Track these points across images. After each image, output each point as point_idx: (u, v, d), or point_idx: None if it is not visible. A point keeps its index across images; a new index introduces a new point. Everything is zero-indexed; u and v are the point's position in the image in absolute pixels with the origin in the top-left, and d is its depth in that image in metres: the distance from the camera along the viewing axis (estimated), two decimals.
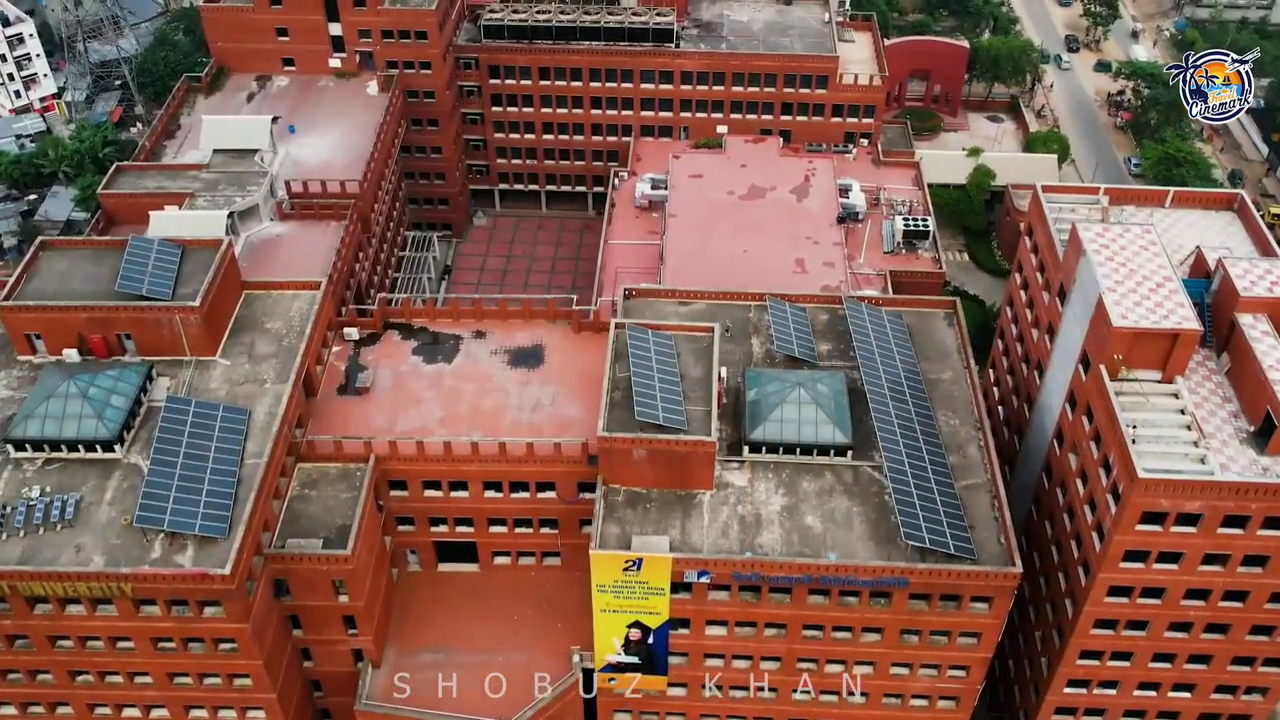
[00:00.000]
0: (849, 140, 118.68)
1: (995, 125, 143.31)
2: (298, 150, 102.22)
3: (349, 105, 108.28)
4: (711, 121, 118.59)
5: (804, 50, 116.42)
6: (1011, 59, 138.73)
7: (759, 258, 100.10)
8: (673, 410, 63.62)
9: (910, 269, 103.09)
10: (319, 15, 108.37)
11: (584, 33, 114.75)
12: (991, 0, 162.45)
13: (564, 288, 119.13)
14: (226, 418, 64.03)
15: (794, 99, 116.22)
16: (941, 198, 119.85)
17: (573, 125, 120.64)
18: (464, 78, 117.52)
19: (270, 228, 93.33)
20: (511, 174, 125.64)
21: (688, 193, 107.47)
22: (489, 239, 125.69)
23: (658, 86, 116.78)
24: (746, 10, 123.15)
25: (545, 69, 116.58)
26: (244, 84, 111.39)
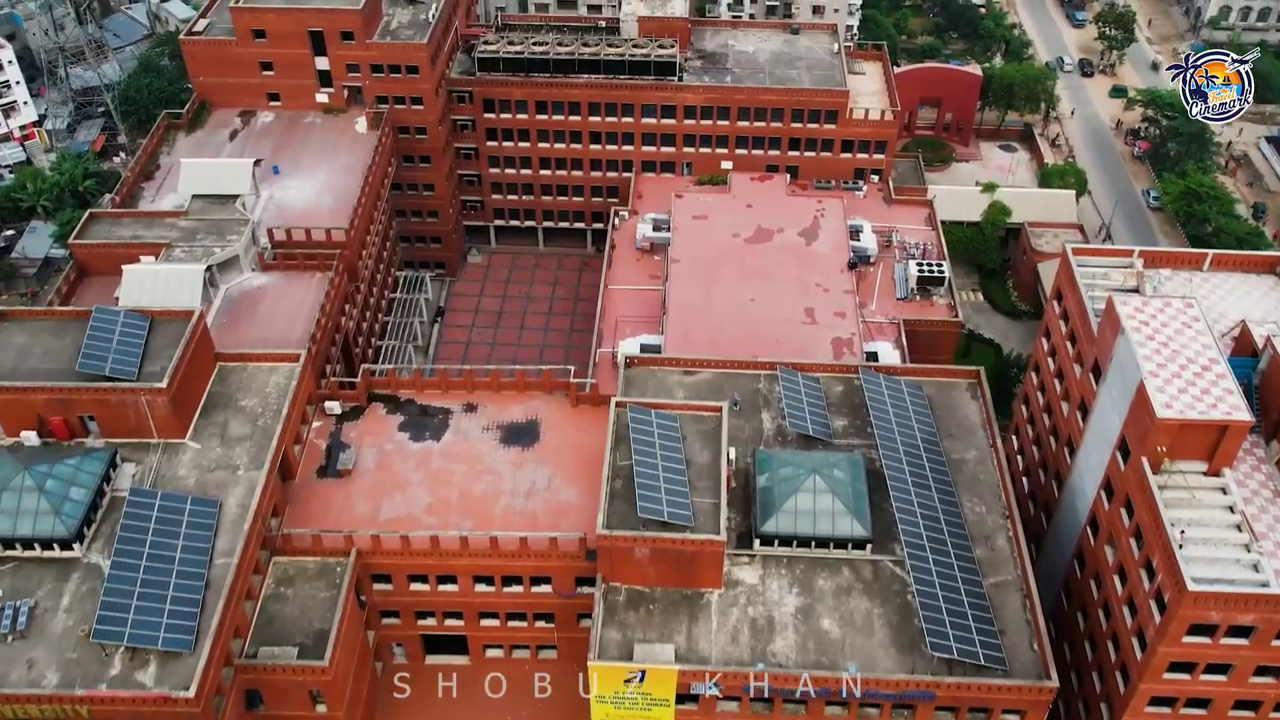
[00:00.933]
0: (859, 176, 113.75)
1: (1008, 155, 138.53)
2: (282, 193, 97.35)
3: (336, 143, 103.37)
4: (716, 157, 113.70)
5: (812, 83, 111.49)
6: (1026, 87, 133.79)
7: (766, 307, 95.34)
8: (678, 505, 58.75)
9: (925, 317, 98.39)
10: (305, 50, 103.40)
11: (583, 65, 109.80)
12: (1003, 23, 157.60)
13: (561, 330, 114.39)
14: (195, 511, 59.14)
15: (802, 134, 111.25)
16: (955, 235, 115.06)
17: (571, 160, 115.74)
18: (457, 111, 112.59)
19: (251, 279, 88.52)
20: (507, 210, 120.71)
21: (691, 235, 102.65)
22: (484, 277, 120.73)
23: (660, 121, 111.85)
24: (752, 40, 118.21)
25: (542, 103, 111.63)
26: (227, 120, 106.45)
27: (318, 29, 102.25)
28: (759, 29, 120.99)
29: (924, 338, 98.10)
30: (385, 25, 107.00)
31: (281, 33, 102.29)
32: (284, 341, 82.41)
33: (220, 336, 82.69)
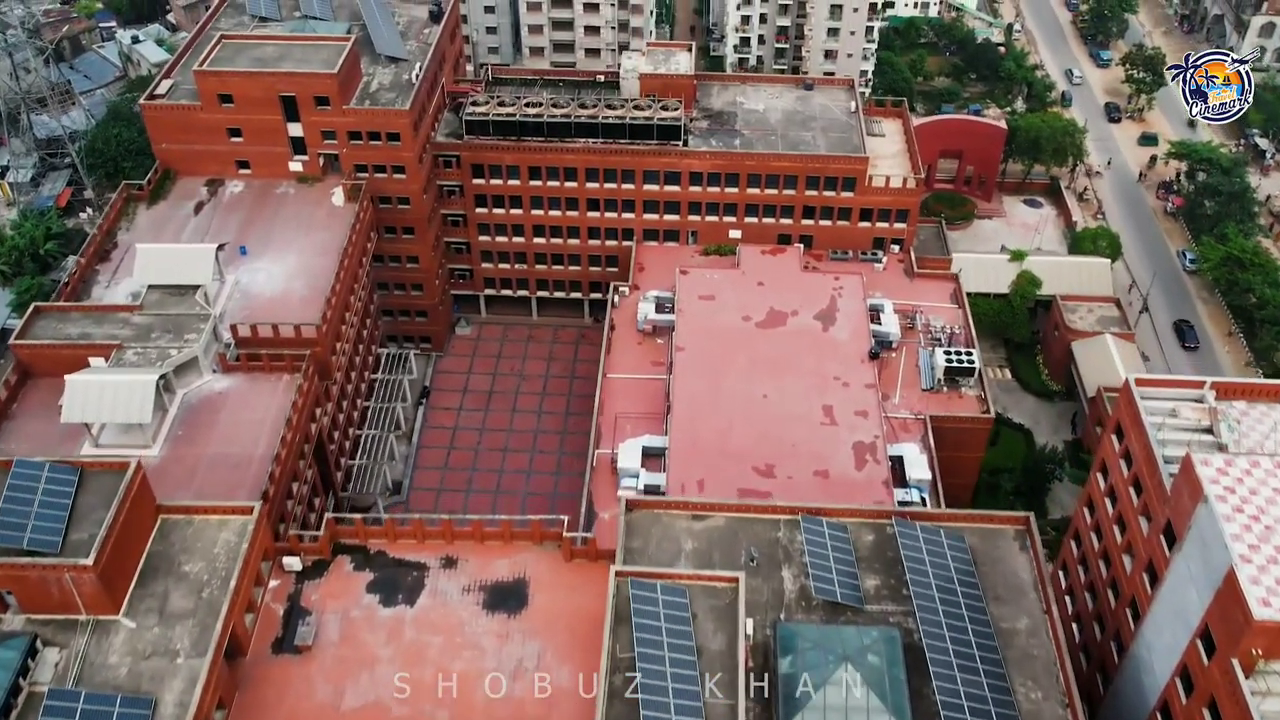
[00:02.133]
0: (878, 245, 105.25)
1: (1034, 211, 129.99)
2: (249, 277, 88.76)
3: (311, 218, 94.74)
4: (723, 225, 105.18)
5: (828, 147, 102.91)
6: (1053, 140, 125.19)
7: (780, 405, 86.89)
8: (688, 712, 50.16)
9: (954, 413, 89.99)
10: (276, 115, 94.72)
11: (579, 129, 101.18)
12: (1024, 64, 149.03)
13: (556, 412, 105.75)
14: (125, 715, 50.55)
15: (817, 202, 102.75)
16: (981, 308, 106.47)
17: (567, 229, 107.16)
18: (444, 176, 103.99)
19: (212, 382, 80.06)
20: (498, 279, 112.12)
21: (697, 318, 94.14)
22: (473, 351, 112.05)
23: (663, 188, 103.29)
24: (763, 98, 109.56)
25: (536, 168, 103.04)
26: (193, 190, 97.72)
27: (290, 94, 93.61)
28: (770, 84, 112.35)
29: (952, 434, 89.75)
30: (364, 87, 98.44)
31: (250, 98, 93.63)
32: (245, 460, 74.31)
33: (174, 453, 74.99)
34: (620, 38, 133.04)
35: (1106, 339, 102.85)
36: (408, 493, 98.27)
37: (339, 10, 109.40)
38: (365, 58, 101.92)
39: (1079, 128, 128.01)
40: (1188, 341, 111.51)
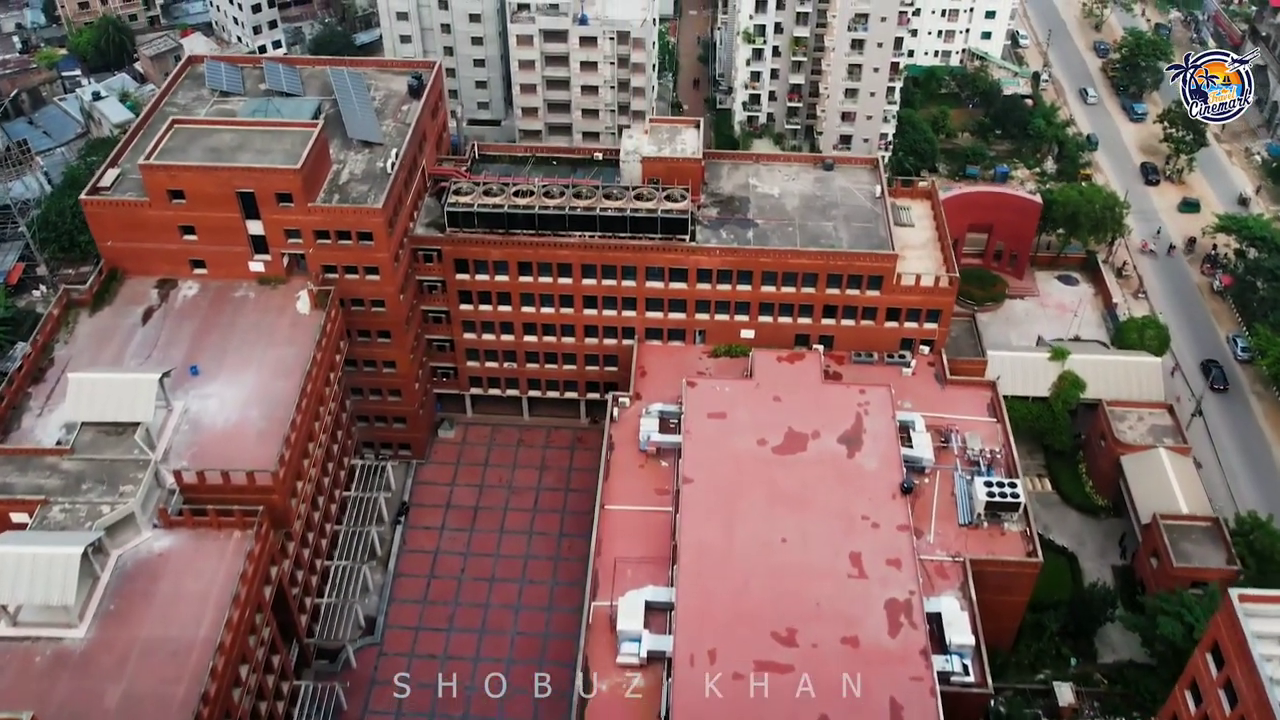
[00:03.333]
0: (906, 346, 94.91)
1: (1070, 290, 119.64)
2: (200, 404, 78.39)
3: (273, 327, 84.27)
4: (734, 325, 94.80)
5: (852, 240, 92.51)
6: (1093, 215, 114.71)
7: (802, 552, 76.85)
8: None
9: (996, 556, 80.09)
10: (234, 213, 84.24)
11: (575, 222, 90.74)
12: (1054, 120, 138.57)
13: (549, 533, 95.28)
14: None
15: (839, 301, 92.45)
16: (1017, 412, 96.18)
17: (561, 327, 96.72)
18: (424, 271, 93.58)
19: (151, 541, 69.98)
20: (486, 378, 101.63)
21: (707, 442, 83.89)
22: (458, 458, 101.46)
23: (668, 285, 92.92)
24: (778, 179, 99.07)
25: (526, 263, 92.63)
26: (141, 293, 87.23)
27: (248, 190, 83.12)
28: (785, 163, 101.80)
29: (995, 578, 79.83)
30: (334, 177, 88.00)
31: (204, 194, 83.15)
32: (185, 647, 64.20)
33: (104, 636, 65.11)
34: (620, 97, 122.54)
35: (1160, 454, 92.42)
36: (382, 631, 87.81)
37: (309, 81, 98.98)
38: (336, 140, 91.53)
39: (1120, 201, 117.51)
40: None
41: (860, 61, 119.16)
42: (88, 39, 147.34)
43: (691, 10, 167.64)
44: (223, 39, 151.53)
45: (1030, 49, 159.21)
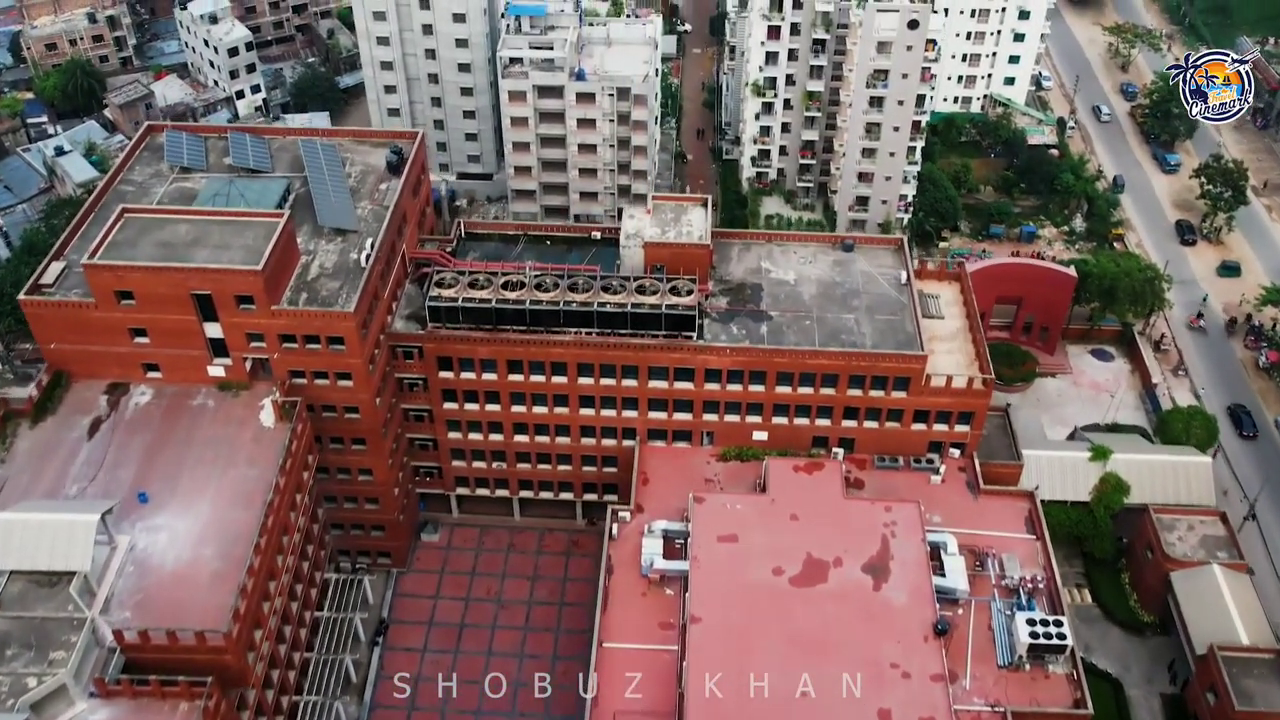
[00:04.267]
0: (934, 449, 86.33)
1: (1104, 366, 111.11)
2: (149, 539, 69.92)
3: (233, 444, 75.61)
4: (746, 427, 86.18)
5: (876, 336, 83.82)
6: (1132, 290, 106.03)
7: (825, 709, 68.60)
8: None
9: (1041, 708, 71.74)
10: (190, 315, 75.58)
11: (570, 318, 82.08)
12: (1083, 174, 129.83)
13: (543, 656, 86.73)
14: None
15: (861, 403, 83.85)
16: (1055, 516, 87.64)
17: (555, 427, 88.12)
18: (404, 368, 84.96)
19: (86, 715, 61.16)
20: (473, 478, 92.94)
21: (717, 572, 75.61)
22: (442, 565, 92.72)
23: (672, 385, 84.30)
24: (793, 263, 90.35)
25: (517, 362, 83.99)
26: (89, 401, 78.59)
27: (204, 292, 74.43)
28: (800, 242, 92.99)
29: None
30: (303, 270, 79.33)
31: (156, 295, 74.53)
32: None
33: None
34: (620, 156, 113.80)
35: (1215, 572, 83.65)
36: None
37: (279, 154, 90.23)
38: (306, 226, 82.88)
39: (1160, 273, 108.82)
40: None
41: (879, 120, 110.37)
42: (54, 83, 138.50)
43: (696, 49, 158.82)
44: (199, 82, 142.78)
45: (1053, 90, 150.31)
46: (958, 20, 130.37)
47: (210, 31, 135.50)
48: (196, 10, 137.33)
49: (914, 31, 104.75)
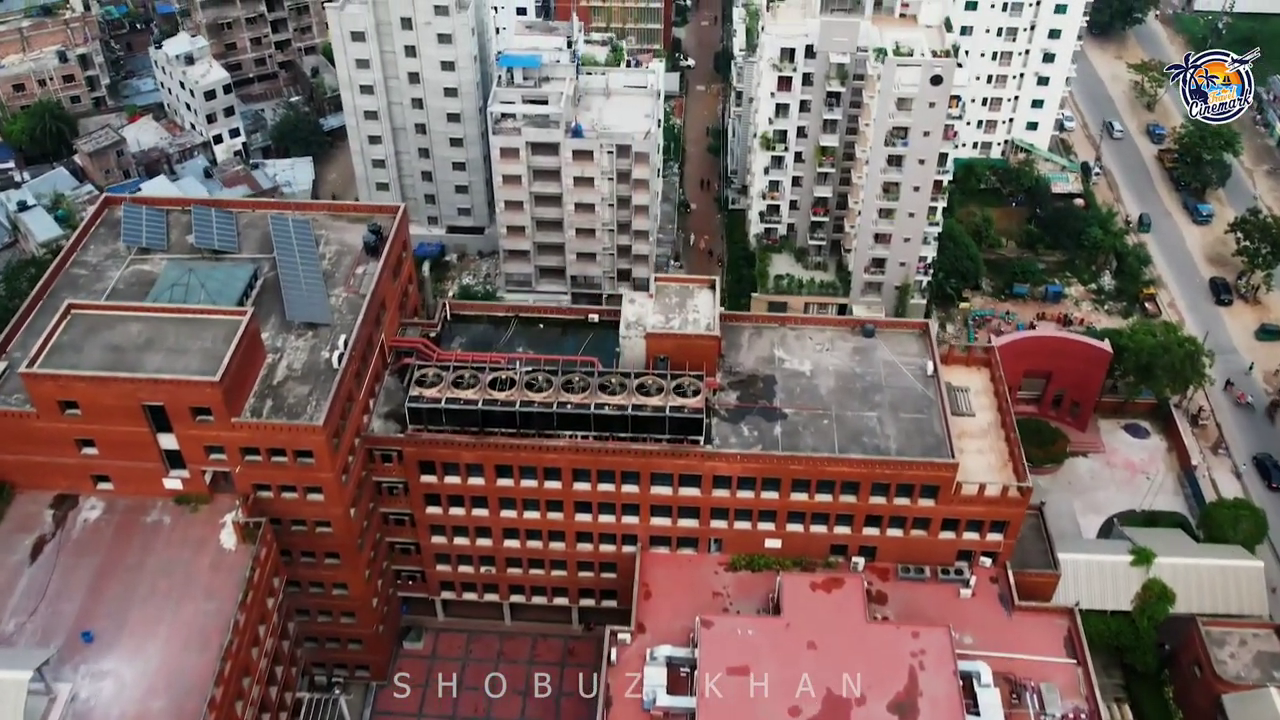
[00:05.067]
0: (964, 556, 78.78)
1: (1139, 443, 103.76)
2: (91, 688, 62.61)
3: (189, 570, 68.09)
4: (758, 534, 78.62)
5: (901, 438, 76.08)
6: (1171, 366, 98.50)
7: None
8: None
9: None
10: (141, 427, 68.00)
11: (564, 420, 74.46)
12: (1112, 228, 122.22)
13: None
14: None
15: (885, 511, 76.33)
16: (1094, 627, 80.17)
17: (548, 532, 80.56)
18: (382, 471, 77.37)
19: None
20: (460, 583, 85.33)
21: (727, 713, 67.63)
22: (426, 677, 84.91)
23: (677, 492, 76.71)
24: (809, 350, 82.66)
25: (506, 467, 76.43)
26: (33, 516, 70.96)
27: (156, 404, 66.85)
28: (816, 326, 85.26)
29: None
30: (268, 372, 71.67)
31: (102, 406, 66.92)
32: None
33: None
34: (620, 215, 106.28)
35: (1272, 696, 75.94)
36: None
37: (248, 231, 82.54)
38: (274, 319, 75.27)
39: (1201, 346, 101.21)
40: None
41: (898, 179, 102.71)
42: (22, 126, 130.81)
43: (699, 85, 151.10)
44: (175, 123, 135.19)
45: (1076, 132, 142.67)
46: (978, 63, 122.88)
47: (186, 73, 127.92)
48: (172, 50, 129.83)
49: (937, 87, 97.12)
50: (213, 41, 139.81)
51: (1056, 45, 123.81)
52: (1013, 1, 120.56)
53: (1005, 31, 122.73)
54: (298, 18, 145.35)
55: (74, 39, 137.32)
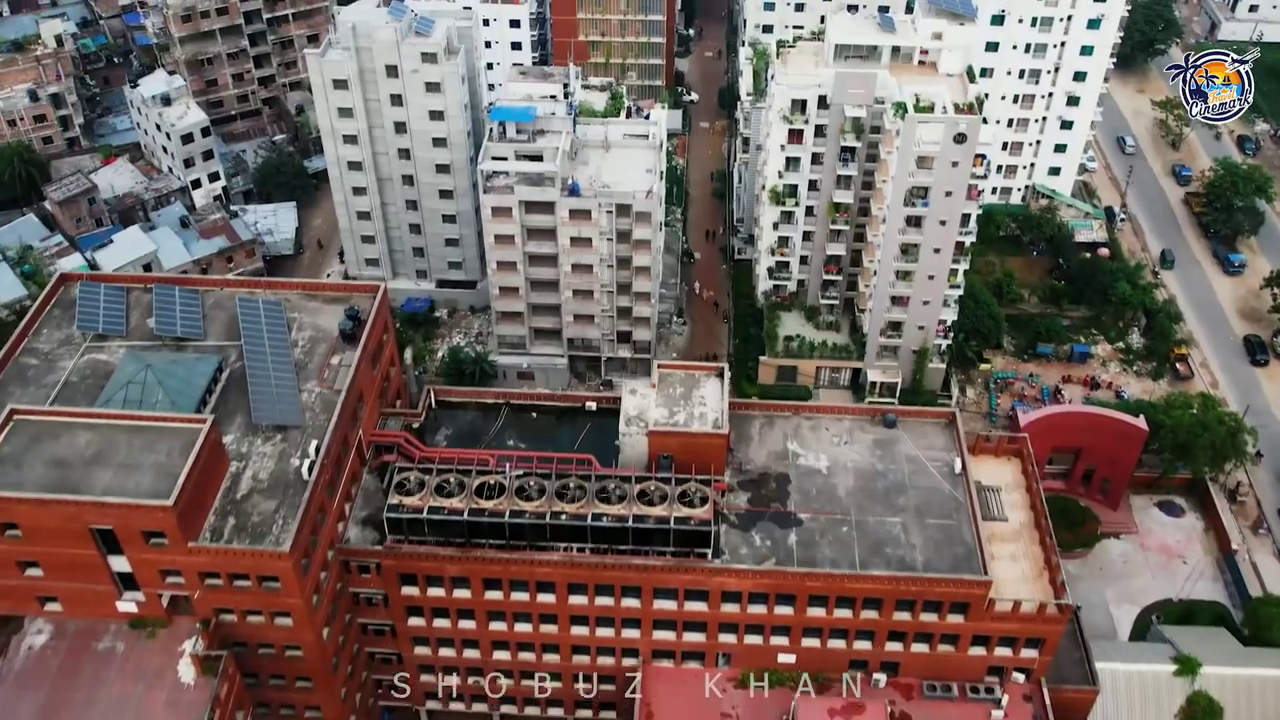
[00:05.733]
0: (995, 672, 72.11)
1: (1173, 521, 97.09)
2: None
3: (141, 707, 61.43)
4: (770, 650, 71.96)
5: (926, 545, 69.56)
6: (1211, 445, 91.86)
7: None
8: None
9: None
10: (90, 549, 61.39)
11: (559, 532, 67.78)
12: (1140, 282, 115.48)
13: None
14: None
15: (910, 628, 69.71)
16: None
17: (541, 645, 73.91)
18: (360, 583, 70.70)
19: None
20: (445, 692, 78.65)
21: None
22: None
23: (682, 607, 70.09)
24: (825, 444, 75.91)
25: (495, 580, 69.76)
26: None
27: (105, 527, 60.23)
28: (833, 416, 78.58)
29: None
30: (231, 484, 64.93)
31: (45, 530, 60.34)
32: None
33: None
34: (620, 276, 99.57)
35: None
36: None
37: (214, 313, 75.77)
38: (239, 419, 68.56)
39: (1243, 423, 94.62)
40: None
41: (917, 240, 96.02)
42: None
43: (703, 122, 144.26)
44: (152, 164, 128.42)
45: (1099, 173, 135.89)
46: (999, 106, 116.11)
47: (162, 115, 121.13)
48: (148, 91, 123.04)
49: (961, 145, 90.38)
50: (193, 78, 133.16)
51: (1081, 88, 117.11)
52: (1036, 43, 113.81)
53: (1028, 74, 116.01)
54: (282, 52, 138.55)
55: (46, 76, 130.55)
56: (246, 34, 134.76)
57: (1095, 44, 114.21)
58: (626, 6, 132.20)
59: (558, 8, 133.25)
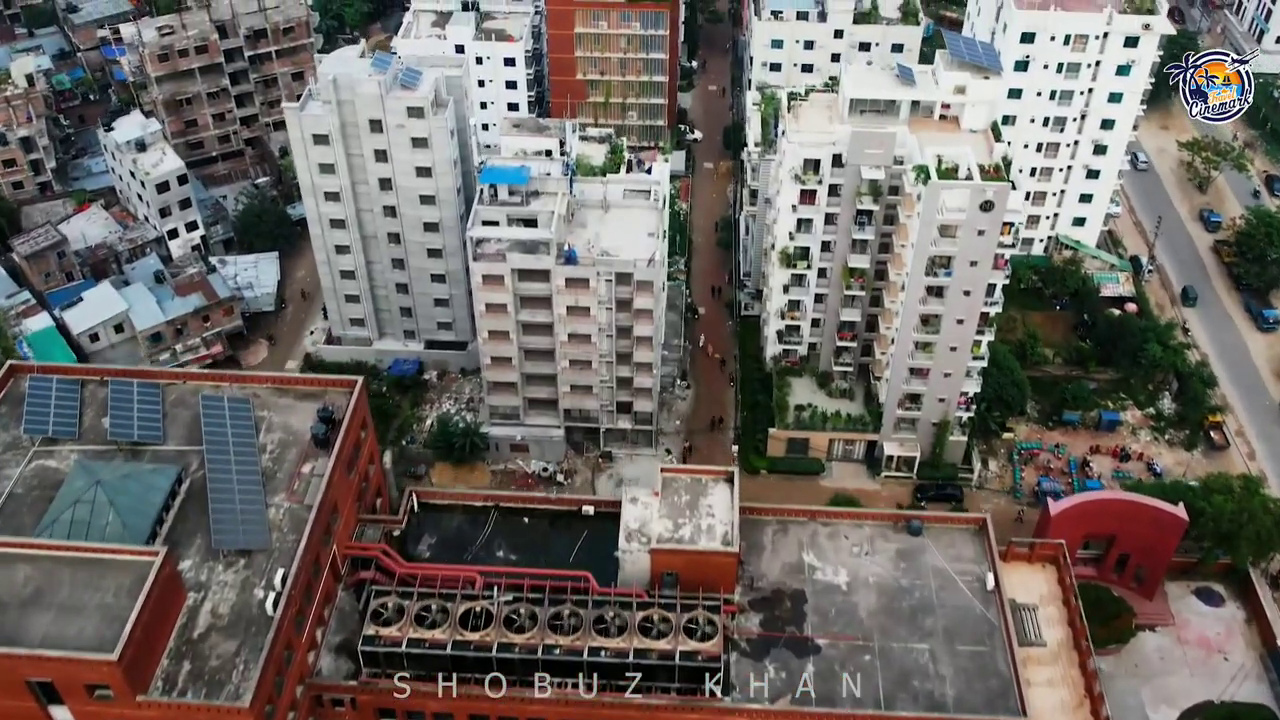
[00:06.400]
0: None
1: (1213, 612, 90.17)
2: None
3: None
4: None
5: (958, 675, 63.53)
6: (1256, 537, 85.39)
7: None
8: None
9: None
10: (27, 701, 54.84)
11: (551, 666, 61.28)
12: (1171, 342, 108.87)
13: None
14: None
15: None
16: None
17: None
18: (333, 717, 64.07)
19: None
20: None
21: None
22: None
23: None
24: (844, 554, 69.47)
25: (482, 717, 63.24)
26: None
27: (44, 680, 53.77)
28: (852, 522, 72.09)
29: None
30: (188, 620, 58.42)
31: None
32: None
33: None
34: (619, 345, 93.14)
35: None
36: None
37: (175, 411, 69.34)
38: (199, 542, 62.03)
39: None
40: None
41: (939, 311, 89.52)
42: None
43: (707, 163, 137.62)
44: (128, 211, 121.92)
45: (1123, 218, 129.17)
46: (1021, 155, 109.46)
47: (137, 162, 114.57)
48: (122, 135, 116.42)
49: (987, 214, 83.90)
50: (171, 119, 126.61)
51: (1109, 135, 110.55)
52: (1062, 89, 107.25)
53: (1053, 121, 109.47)
54: (265, 91, 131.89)
55: (16, 118, 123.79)
56: (228, 72, 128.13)
57: (1125, 90, 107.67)
58: (627, 45, 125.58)
59: (555, 46, 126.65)
